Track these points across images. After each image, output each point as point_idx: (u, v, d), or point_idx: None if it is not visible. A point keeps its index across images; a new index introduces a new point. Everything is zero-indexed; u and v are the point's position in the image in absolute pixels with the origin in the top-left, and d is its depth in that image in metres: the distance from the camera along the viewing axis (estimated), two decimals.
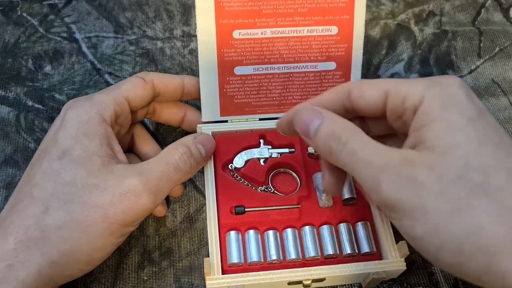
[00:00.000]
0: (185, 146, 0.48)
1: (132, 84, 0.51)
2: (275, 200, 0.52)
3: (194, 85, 0.55)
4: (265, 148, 0.55)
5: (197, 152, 0.49)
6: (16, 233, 0.41)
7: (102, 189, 0.43)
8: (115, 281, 0.51)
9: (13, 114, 0.61)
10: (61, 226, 0.42)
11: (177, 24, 0.70)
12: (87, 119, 0.46)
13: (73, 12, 0.70)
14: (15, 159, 0.57)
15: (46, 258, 0.41)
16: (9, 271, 0.40)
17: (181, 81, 0.54)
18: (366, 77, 0.66)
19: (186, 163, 0.48)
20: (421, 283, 0.52)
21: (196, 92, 0.55)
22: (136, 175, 0.44)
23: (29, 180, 0.44)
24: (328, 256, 0.50)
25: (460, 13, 0.74)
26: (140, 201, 0.44)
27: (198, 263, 0.52)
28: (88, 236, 0.42)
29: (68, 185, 0.43)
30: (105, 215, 0.43)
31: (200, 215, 0.55)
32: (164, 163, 0.46)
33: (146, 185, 0.44)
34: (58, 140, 0.45)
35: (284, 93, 0.56)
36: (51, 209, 0.42)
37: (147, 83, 0.51)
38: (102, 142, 0.46)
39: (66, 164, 0.44)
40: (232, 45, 0.53)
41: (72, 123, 0.46)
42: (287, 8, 0.52)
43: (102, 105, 0.48)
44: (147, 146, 0.55)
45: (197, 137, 0.51)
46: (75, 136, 0.45)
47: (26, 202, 0.43)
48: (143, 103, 0.52)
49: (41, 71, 0.65)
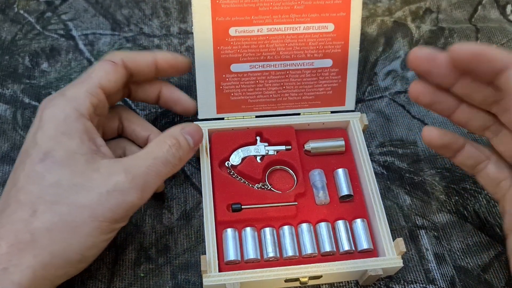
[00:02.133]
0: (173, 138, 0.47)
1: (103, 70, 0.49)
2: (272, 197, 0.52)
3: (167, 60, 0.53)
4: (261, 146, 0.55)
5: (185, 144, 0.48)
6: (7, 237, 0.41)
7: (89, 188, 0.42)
8: (111, 278, 0.51)
9: (10, 111, 0.61)
10: (50, 228, 0.41)
11: (174, 21, 0.70)
12: (64, 117, 0.45)
13: (70, 10, 0.70)
14: (12, 156, 0.57)
15: (39, 260, 0.41)
16: (4, 274, 0.40)
17: (153, 57, 0.52)
18: (362, 75, 0.66)
19: (175, 156, 0.47)
20: (418, 280, 0.52)
21: (170, 69, 0.54)
22: (122, 172, 0.44)
23: (14, 184, 0.43)
24: (325, 253, 0.50)
25: (457, 10, 0.74)
26: (127, 198, 0.43)
27: (194, 260, 0.52)
28: (78, 236, 0.42)
29: (54, 187, 0.42)
30: (93, 214, 0.42)
31: (197, 212, 0.55)
32: (152, 157, 0.45)
33: (133, 181, 0.44)
34: (38, 142, 0.44)
35: (281, 90, 0.56)
36: (38, 212, 0.41)
37: (117, 66, 0.49)
38: (82, 139, 0.45)
39: (49, 166, 0.43)
40: (229, 42, 0.53)
41: (49, 123, 0.45)
42: (284, 5, 0.52)
43: (77, 100, 0.46)
44: (138, 127, 0.54)
45: (185, 127, 0.49)
46: (54, 136, 0.44)
47: (13, 207, 0.42)
48: (117, 87, 0.50)
49: (38, 68, 0.65)
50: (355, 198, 0.54)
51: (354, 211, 0.53)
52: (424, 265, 0.53)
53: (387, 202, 0.56)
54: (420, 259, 0.53)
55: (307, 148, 0.56)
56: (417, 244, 0.54)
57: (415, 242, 0.54)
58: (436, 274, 0.52)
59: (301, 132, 0.57)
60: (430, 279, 0.52)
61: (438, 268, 0.52)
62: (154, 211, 0.55)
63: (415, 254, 0.53)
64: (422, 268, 0.52)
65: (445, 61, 0.43)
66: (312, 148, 0.55)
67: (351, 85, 0.57)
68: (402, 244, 0.48)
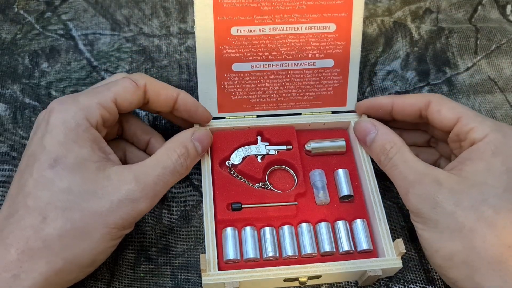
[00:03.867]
0: (182, 146, 0.48)
1: (122, 87, 0.48)
2: (272, 197, 0.52)
3: (187, 103, 0.52)
4: (262, 145, 0.55)
5: (193, 151, 0.49)
6: (17, 243, 0.40)
7: (100, 196, 0.43)
8: (111, 278, 0.51)
9: (10, 112, 0.61)
10: (62, 235, 0.41)
11: (174, 21, 0.70)
12: (74, 125, 0.44)
13: (69, 10, 0.70)
14: (12, 156, 0.57)
15: (52, 266, 0.41)
16: (15, 281, 0.39)
17: (175, 94, 0.51)
18: (362, 75, 0.66)
19: (183, 165, 0.47)
20: (418, 280, 0.52)
21: (186, 113, 0.53)
22: (133, 180, 0.44)
23: (21, 189, 0.43)
24: (324, 253, 0.50)
25: (457, 10, 0.74)
26: (138, 206, 0.44)
27: (194, 260, 0.52)
28: (90, 242, 0.42)
29: (64, 193, 0.42)
30: (105, 221, 0.42)
31: (197, 212, 0.55)
32: (161, 166, 0.46)
33: (144, 190, 0.44)
34: (47, 147, 0.43)
35: (282, 90, 0.56)
36: (49, 218, 0.41)
37: (138, 89, 0.49)
38: (93, 147, 0.44)
39: (60, 172, 0.42)
40: (230, 42, 0.53)
41: (58, 128, 0.44)
42: (285, 5, 0.52)
43: (89, 110, 0.45)
44: (139, 130, 0.54)
45: (195, 133, 0.50)
46: (64, 143, 0.43)
47: (21, 212, 0.42)
48: (130, 108, 0.49)
49: (38, 68, 0.65)
50: (355, 199, 0.54)
51: (354, 211, 0.53)
52: (424, 265, 0.53)
53: (387, 202, 0.56)
54: (420, 259, 0.53)
55: (308, 148, 0.56)
56: (417, 244, 0.54)
57: (414, 242, 0.54)
58: (436, 274, 0.52)
59: (302, 132, 0.57)
60: (430, 279, 0.52)
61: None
62: (154, 211, 0.55)
63: (415, 254, 0.53)
64: (421, 268, 0.52)
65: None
66: (312, 148, 0.55)
67: (353, 86, 0.57)
68: (402, 245, 0.48)
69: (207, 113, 0.54)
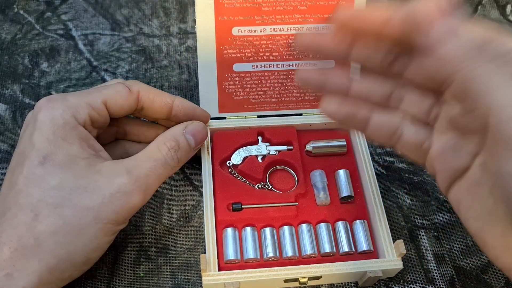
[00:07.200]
0: (173, 140, 0.47)
1: (115, 90, 0.47)
2: (273, 197, 0.52)
3: (183, 109, 0.51)
4: (263, 145, 0.55)
5: (185, 145, 0.48)
6: (10, 242, 0.40)
7: (92, 190, 0.42)
8: (111, 278, 0.50)
9: (10, 112, 0.61)
10: (55, 232, 0.41)
11: (174, 21, 0.70)
12: (62, 123, 0.44)
13: (69, 10, 0.70)
14: (11, 156, 0.57)
15: (44, 264, 0.40)
16: (8, 280, 0.39)
17: (170, 101, 0.50)
18: None
19: (173, 158, 0.47)
20: (418, 281, 0.52)
21: (185, 118, 0.51)
22: (124, 173, 0.43)
23: (12, 187, 0.42)
24: (325, 254, 0.50)
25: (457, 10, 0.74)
26: (131, 200, 0.44)
27: (194, 260, 0.52)
28: (83, 239, 0.42)
29: (55, 189, 0.42)
30: (97, 216, 0.42)
31: (197, 212, 0.55)
32: (152, 159, 0.45)
33: (136, 183, 0.44)
34: (36, 144, 0.43)
35: (283, 90, 0.57)
36: (41, 215, 0.41)
37: (131, 94, 0.48)
38: (82, 145, 0.44)
39: (50, 169, 0.42)
40: (231, 42, 0.53)
41: (47, 126, 0.43)
42: (287, 5, 0.53)
43: (76, 109, 0.45)
44: (142, 127, 0.53)
45: (188, 126, 0.49)
46: (53, 140, 0.43)
47: (13, 210, 0.41)
48: (122, 113, 0.49)
49: (38, 68, 0.65)
50: (355, 199, 0.54)
51: (355, 212, 0.53)
52: (423, 265, 0.53)
53: (387, 202, 0.56)
54: (420, 259, 0.53)
55: (309, 149, 0.56)
56: (417, 244, 0.54)
57: (414, 242, 0.54)
58: (435, 274, 0.52)
59: (303, 133, 0.57)
60: (430, 279, 0.52)
61: (438, 268, 0.52)
62: (154, 211, 0.55)
63: (415, 254, 0.53)
64: (421, 268, 0.53)
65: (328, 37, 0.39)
66: (313, 149, 0.55)
67: None
68: (402, 246, 0.48)
69: (205, 113, 0.54)
